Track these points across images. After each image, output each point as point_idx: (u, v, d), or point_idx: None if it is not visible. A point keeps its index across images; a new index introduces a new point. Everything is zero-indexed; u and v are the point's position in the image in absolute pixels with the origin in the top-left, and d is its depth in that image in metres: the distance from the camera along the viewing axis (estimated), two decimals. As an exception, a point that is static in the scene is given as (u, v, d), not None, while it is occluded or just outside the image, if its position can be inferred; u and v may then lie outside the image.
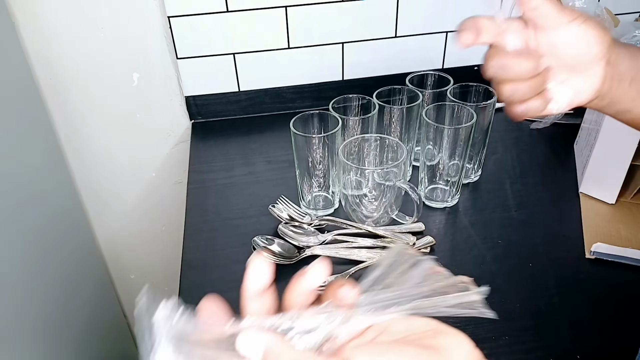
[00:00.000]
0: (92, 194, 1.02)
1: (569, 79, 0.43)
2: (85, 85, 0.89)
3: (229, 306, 0.28)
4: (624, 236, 0.67)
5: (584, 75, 0.42)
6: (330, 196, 0.73)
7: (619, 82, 0.43)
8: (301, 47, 0.90)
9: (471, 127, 0.67)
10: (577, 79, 0.43)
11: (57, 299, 0.84)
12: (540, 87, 0.43)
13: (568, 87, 0.43)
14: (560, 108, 0.45)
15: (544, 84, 0.43)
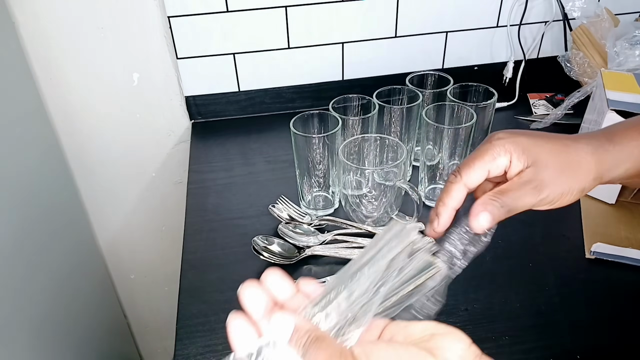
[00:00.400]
0: (92, 194, 1.02)
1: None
2: (85, 85, 0.89)
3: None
4: (623, 236, 0.67)
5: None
6: (330, 196, 0.73)
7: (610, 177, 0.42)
8: (301, 47, 0.90)
9: (471, 127, 0.67)
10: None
11: (57, 299, 0.84)
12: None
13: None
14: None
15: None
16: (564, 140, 0.42)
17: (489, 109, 0.73)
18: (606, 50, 0.85)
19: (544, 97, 0.99)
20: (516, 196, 0.40)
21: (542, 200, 0.40)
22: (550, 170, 0.40)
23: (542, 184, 0.40)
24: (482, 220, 0.40)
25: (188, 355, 0.55)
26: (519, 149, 0.41)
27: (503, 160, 0.41)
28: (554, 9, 0.94)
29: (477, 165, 0.41)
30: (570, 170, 0.41)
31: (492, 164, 0.41)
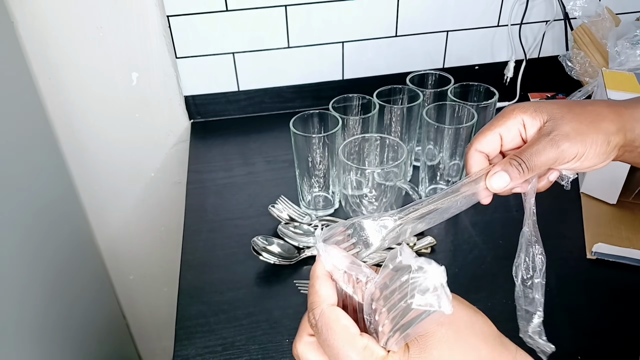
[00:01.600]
0: (92, 194, 1.02)
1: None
2: (84, 84, 0.89)
3: None
4: (625, 236, 0.66)
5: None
6: (330, 196, 0.73)
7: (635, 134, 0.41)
8: (301, 47, 0.90)
9: (472, 126, 0.67)
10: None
11: (56, 299, 0.84)
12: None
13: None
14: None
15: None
16: (575, 102, 0.41)
17: (490, 109, 0.73)
18: (607, 49, 0.85)
19: (545, 96, 0.99)
20: (534, 151, 0.39)
21: (564, 153, 0.38)
22: (567, 120, 0.39)
23: (561, 134, 0.38)
24: (497, 179, 0.39)
25: (187, 356, 0.54)
26: (530, 109, 0.40)
27: (514, 123, 0.40)
28: (555, 9, 0.93)
29: (488, 132, 0.41)
30: (590, 120, 0.39)
31: (502, 128, 0.40)
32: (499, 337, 0.32)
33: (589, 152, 0.39)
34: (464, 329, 0.30)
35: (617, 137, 0.39)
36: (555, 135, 0.38)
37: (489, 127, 0.41)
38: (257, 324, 0.58)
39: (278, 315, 0.58)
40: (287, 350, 0.54)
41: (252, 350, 0.55)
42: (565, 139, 0.38)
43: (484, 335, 0.31)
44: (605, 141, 0.39)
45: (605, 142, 0.39)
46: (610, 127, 0.39)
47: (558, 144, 0.38)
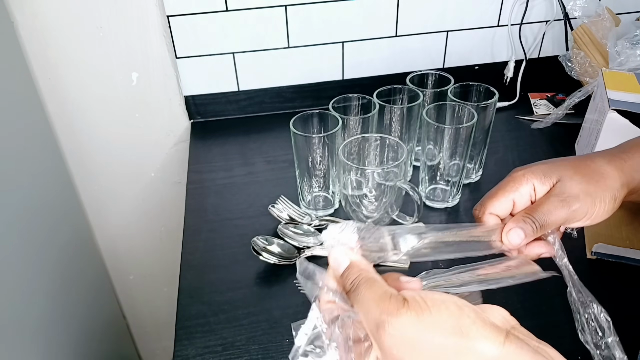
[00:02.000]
0: (91, 193, 1.02)
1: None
2: (84, 84, 0.89)
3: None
4: (624, 236, 0.66)
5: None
6: (330, 196, 0.73)
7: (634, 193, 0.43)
8: (301, 47, 0.90)
9: (472, 126, 0.67)
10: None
11: (55, 299, 0.84)
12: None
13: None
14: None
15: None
16: (579, 157, 0.43)
17: (490, 109, 0.73)
18: (607, 49, 0.85)
19: (545, 96, 0.99)
20: (547, 210, 0.41)
21: (575, 213, 0.41)
22: (576, 182, 0.41)
23: (572, 196, 0.40)
24: (514, 235, 0.41)
25: (187, 356, 0.55)
26: (540, 173, 0.42)
27: (526, 188, 0.42)
28: (554, 9, 0.93)
29: (500, 195, 0.42)
30: (595, 180, 0.41)
31: (515, 194, 0.42)
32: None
33: (598, 211, 0.41)
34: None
35: (622, 191, 0.42)
36: (567, 197, 0.40)
37: (501, 193, 0.42)
38: (257, 324, 0.58)
39: (278, 315, 0.58)
40: (287, 350, 0.54)
41: (252, 350, 0.55)
42: (576, 201, 0.40)
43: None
44: (612, 199, 0.41)
45: (612, 200, 0.41)
46: (614, 184, 0.41)
47: (569, 205, 0.40)
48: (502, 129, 0.90)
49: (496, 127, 0.89)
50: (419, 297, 0.28)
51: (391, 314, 0.28)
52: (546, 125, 0.89)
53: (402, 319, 0.27)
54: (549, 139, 0.87)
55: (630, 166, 0.43)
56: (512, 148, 0.86)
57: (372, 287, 0.30)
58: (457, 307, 0.28)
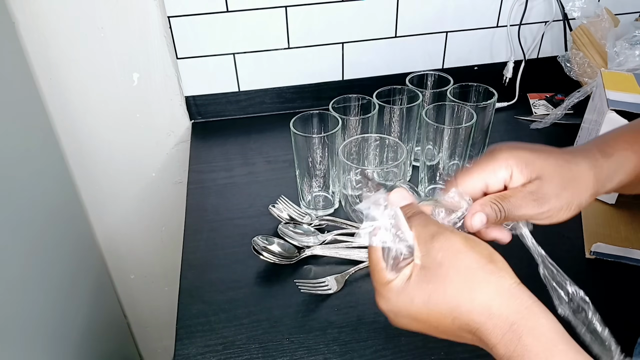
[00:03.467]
0: (92, 193, 1.02)
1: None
2: (85, 85, 0.89)
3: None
4: (624, 236, 0.67)
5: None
6: (330, 196, 0.73)
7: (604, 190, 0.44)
8: (301, 47, 0.90)
9: (471, 127, 0.67)
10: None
11: (56, 299, 0.84)
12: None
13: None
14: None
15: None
16: (564, 155, 0.43)
17: (489, 109, 0.73)
18: (606, 50, 0.85)
19: (544, 97, 0.99)
20: (517, 204, 0.41)
21: (542, 214, 0.41)
22: (553, 185, 0.41)
23: (545, 197, 0.41)
24: (477, 220, 0.41)
25: (188, 355, 0.55)
26: (522, 163, 0.41)
27: (503, 173, 0.41)
28: (554, 9, 0.94)
29: (475, 174, 0.42)
30: (571, 187, 0.41)
31: (491, 176, 0.41)
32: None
33: (561, 216, 0.42)
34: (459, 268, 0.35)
35: (590, 197, 0.43)
36: (540, 198, 0.41)
37: (478, 172, 0.42)
38: (258, 323, 0.58)
39: (278, 315, 0.59)
40: (287, 350, 0.55)
41: (252, 349, 0.55)
42: (547, 204, 0.41)
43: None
44: (577, 207, 0.42)
45: (577, 207, 0.42)
46: (586, 193, 0.42)
47: (541, 206, 0.41)
48: (501, 129, 0.90)
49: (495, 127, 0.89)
50: (467, 234, 0.36)
51: (449, 230, 0.35)
52: (545, 126, 0.89)
53: (455, 237, 0.35)
54: (548, 140, 0.88)
55: (607, 167, 0.43)
56: (511, 148, 0.86)
57: (431, 218, 0.37)
58: (490, 251, 0.36)
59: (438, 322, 0.34)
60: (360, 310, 0.59)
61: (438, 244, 0.35)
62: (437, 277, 0.34)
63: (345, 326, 0.57)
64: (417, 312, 0.35)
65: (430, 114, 0.70)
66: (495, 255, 0.35)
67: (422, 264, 0.35)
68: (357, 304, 0.59)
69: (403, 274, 0.36)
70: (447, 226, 0.36)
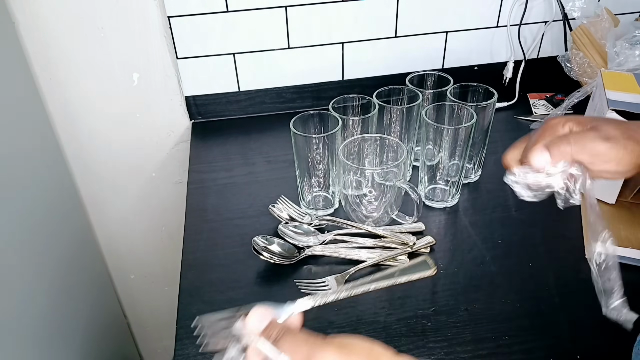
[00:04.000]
0: (92, 193, 1.02)
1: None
2: (85, 85, 0.89)
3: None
4: (624, 236, 0.67)
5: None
6: (330, 196, 0.73)
7: None
8: (301, 47, 0.90)
9: (471, 127, 0.67)
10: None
11: (56, 298, 0.84)
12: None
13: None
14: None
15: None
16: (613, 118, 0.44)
17: (489, 109, 0.73)
18: (606, 50, 0.86)
19: (544, 97, 0.99)
20: (584, 136, 0.42)
21: (609, 150, 0.41)
22: (613, 127, 0.42)
23: (609, 134, 0.41)
24: (538, 157, 0.42)
25: (188, 355, 0.55)
26: (576, 119, 0.43)
27: (562, 130, 0.43)
28: (554, 9, 0.94)
29: (539, 137, 0.43)
30: (631, 131, 0.42)
31: (553, 133, 0.43)
32: None
33: (626, 158, 0.41)
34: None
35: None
36: (605, 133, 0.41)
37: (540, 137, 0.44)
38: (258, 323, 0.58)
39: (278, 315, 0.59)
40: (287, 349, 0.55)
41: (252, 349, 0.55)
42: (613, 139, 0.41)
43: None
44: (638, 152, 0.42)
45: (638, 154, 0.42)
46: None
47: (607, 139, 0.41)
48: (501, 129, 0.90)
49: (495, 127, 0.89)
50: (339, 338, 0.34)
51: (319, 346, 0.34)
52: (545, 126, 0.89)
53: (329, 352, 0.33)
54: (548, 139, 0.88)
55: None
56: (511, 148, 0.86)
57: (297, 332, 0.36)
58: (370, 344, 0.34)
59: None
60: (360, 310, 0.59)
61: None
62: None
63: (345, 326, 0.57)
64: None
65: (430, 114, 0.70)
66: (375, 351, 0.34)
67: None
68: (357, 304, 0.59)
69: None
70: (316, 340, 0.34)
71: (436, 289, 0.61)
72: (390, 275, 0.42)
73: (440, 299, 0.60)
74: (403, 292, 0.61)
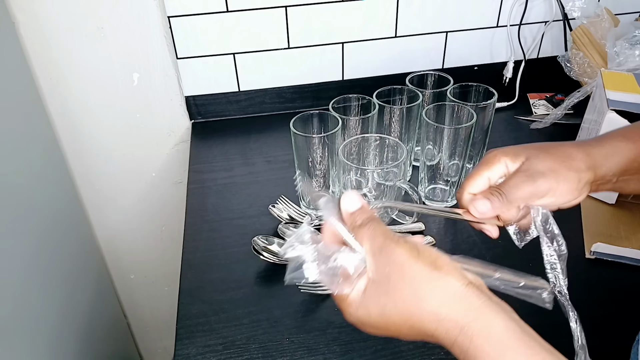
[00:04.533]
0: (92, 194, 1.02)
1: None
2: (85, 85, 0.89)
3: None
4: (623, 236, 0.67)
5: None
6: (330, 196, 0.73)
7: (604, 170, 0.45)
8: (301, 47, 0.90)
9: (471, 127, 0.67)
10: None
11: (57, 298, 0.84)
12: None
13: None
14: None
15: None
16: (550, 144, 0.46)
17: (489, 109, 0.73)
18: (606, 50, 0.86)
19: (544, 97, 0.99)
20: (513, 184, 0.44)
21: (539, 187, 0.43)
22: (541, 160, 0.44)
23: (537, 172, 0.43)
24: (481, 204, 0.44)
25: (188, 355, 0.55)
26: (511, 153, 0.45)
27: (499, 167, 0.45)
28: (554, 9, 0.94)
29: (475, 175, 0.46)
30: (562, 159, 0.44)
31: (489, 172, 0.45)
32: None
33: (562, 188, 0.43)
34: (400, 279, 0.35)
35: (587, 174, 0.44)
36: (532, 173, 0.43)
37: (477, 172, 0.46)
38: (258, 323, 0.58)
39: (278, 315, 0.59)
40: (287, 349, 0.55)
41: (252, 349, 0.55)
42: (540, 176, 0.43)
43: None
44: (576, 178, 0.43)
45: (576, 180, 0.43)
46: (580, 165, 0.44)
47: (534, 179, 0.43)
48: (501, 129, 0.90)
49: (495, 127, 0.89)
50: (414, 242, 0.36)
51: (395, 241, 0.35)
52: (545, 126, 0.89)
53: (400, 248, 0.35)
54: (548, 139, 0.87)
55: (598, 152, 0.45)
56: (511, 148, 0.86)
57: (380, 225, 0.37)
58: (438, 252, 0.36)
59: (398, 330, 0.36)
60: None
61: (385, 258, 0.35)
62: (387, 290, 0.35)
63: (345, 326, 0.57)
64: (377, 323, 0.36)
65: (430, 114, 0.70)
66: (440, 260, 0.35)
67: (373, 277, 0.36)
68: (357, 304, 0.59)
69: (358, 288, 0.36)
70: (393, 236, 0.36)
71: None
72: None
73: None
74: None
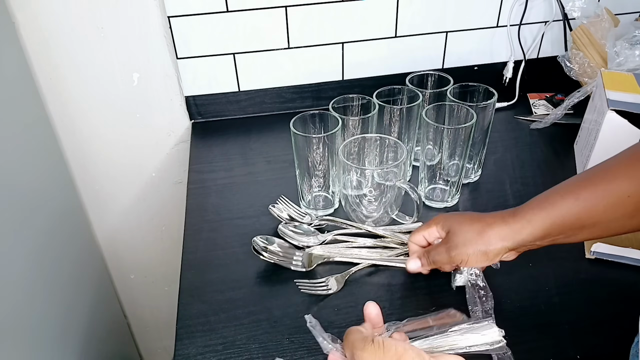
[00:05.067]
0: (92, 194, 1.02)
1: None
2: (85, 85, 0.89)
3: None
4: (623, 236, 0.67)
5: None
6: (330, 196, 0.73)
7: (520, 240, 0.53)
8: (301, 47, 0.90)
9: (471, 127, 0.67)
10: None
11: (56, 299, 0.84)
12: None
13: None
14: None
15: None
16: (479, 216, 0.55)
17: (489, 109, 0.73)
18: (606, 50, 0.86)
19: (544, 97, 0.99)
20: (435, 252, 0.56)
21: (454, 258, 0.54)
22: (459, 236, 0.54)
23: (453, 245, 0.54)
24: (412, 264, 0.59)
25: (188, 355, 0.55)
26: (441, 223, 0.57)
27: (433, 231, 0.58)
28: (554, 9, 0.94)
29: (418, 232, 0.60)
30: (475, 236, 0.53)
31: (425, 233, 0.59)
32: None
33: (470, 260, 0.53)
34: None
35: (501, 244, 0.52)
36: (450, 245, 0.54)
37: (419, 230, 0.59)
38: (258, 323, 0.58)
39: (278, 315, 0.59)
40: (287, 349, 0.55)
41: (252, 349, 0.55)
42: (455, 249, 0.54)
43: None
44: (484, 251, 0.52)
45: (484, 253, 0.52)
46: (493, 237, 0.52)
47: (449, 252, 0.54)
48: (501, 129, 0.90)
49: (495, 127, 0.89)
50: (382, 340, 0.39)
51: (359, 347, 0.40)
52: (545, 126, 0.89)
53: (366, 351, 0.39)
54: (547, 139, 0.88)
55: (513, 225, 0.52)
56: (511, 148, 0.86)
57: (354, 332, 0.42)
58: (403, 349, 0.38)
59: None
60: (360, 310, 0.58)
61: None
62: None
63: (345, 326, 0.57)
64: None
65: (430, 114, 0.70)
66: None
67: None
68: (357, 304, 0.59)
69: None
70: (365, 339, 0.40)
71: (436, 289, 0.61)
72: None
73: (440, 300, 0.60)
74: (403, 293, 0.61)
